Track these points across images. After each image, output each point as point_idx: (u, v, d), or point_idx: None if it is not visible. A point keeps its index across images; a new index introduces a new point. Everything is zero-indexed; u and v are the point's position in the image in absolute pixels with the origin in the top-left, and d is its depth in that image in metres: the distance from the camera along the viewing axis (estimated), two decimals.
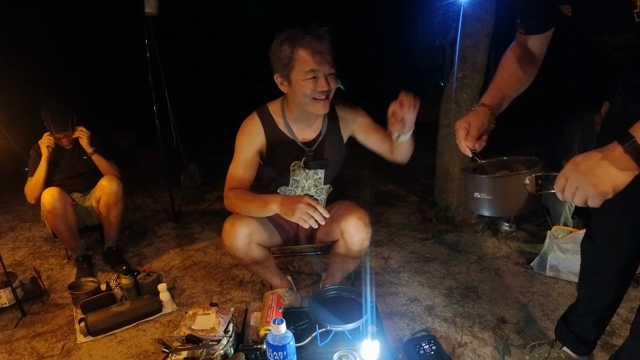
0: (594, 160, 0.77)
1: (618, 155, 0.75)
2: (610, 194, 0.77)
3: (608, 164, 0.75)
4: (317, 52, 1.31)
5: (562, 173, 0.81)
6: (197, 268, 2.23)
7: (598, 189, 0.76)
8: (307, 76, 1.33)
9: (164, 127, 2.95)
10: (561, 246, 1.92)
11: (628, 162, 0.74)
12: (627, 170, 0.74)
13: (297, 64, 1.33)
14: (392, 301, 1.83)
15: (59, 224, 2.04)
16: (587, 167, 0.77)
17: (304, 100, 1.38)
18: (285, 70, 1.36)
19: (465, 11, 2.40)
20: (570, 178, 0.79)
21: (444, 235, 2.50)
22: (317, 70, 1.33)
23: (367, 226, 1.45)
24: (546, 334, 1.59)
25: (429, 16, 6.02)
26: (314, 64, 1.32)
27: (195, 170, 3.84)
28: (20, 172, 2.40)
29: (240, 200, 1.44)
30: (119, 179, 2.19)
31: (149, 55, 2.77)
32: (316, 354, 1.37)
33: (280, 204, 1.33)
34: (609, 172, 0.75)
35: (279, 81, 1.42)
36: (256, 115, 1.53)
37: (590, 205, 0.79)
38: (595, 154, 0.77)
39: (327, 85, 1.35)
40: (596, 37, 0.89)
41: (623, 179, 0.75)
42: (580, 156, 0.79)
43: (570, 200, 0.81)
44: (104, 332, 1.67)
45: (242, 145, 1.50)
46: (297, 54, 1.32)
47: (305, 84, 1.35)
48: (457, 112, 2.54)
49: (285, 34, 1.35)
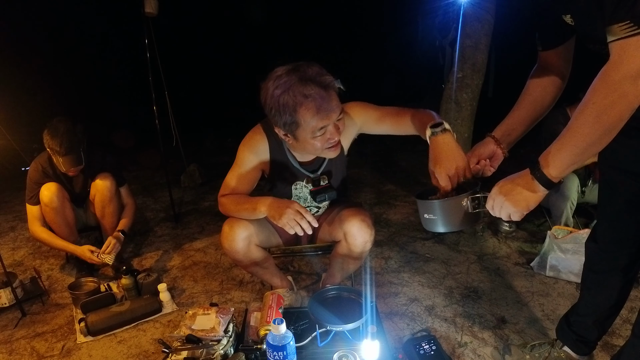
0: (512, 185, 0.93)
1: (528, 180, 0.91)
2: (526, 211, 0.94)
3: (522, 188, 0.92)
4: (322, 107, 1.19)
5: (490, 195, 0.98)
6: (197, 268, 2.23)
7: (515, 207, 0.93)
8: (316, 134, 1.24)
9: (164, 127, 2.95)
10: (561, 246, 1.91)
11: (535, 186, 0.90)
12: (535, 192, 0.90)
13: (304, 123, 1.21)
14: (392, 301, 1.83)
15: (56, 218, 2.04)
16: (507, 190, 0.94)
17: (315, 152, 1.35)
18: (289, 128, 1.25)
19: (465, 11, 2.41)
20: (496, 199, 0.96)
21: (444, 235, 2.50)
22: (327, 125, 1.24)
23: (370, 228, 1.45)
24: (546, 333, 1.59)
25: (429, 16, 6.02)
26: (322, 122, 1.21)
27: (195, 170, 3.84)
28: (20, 172, 2.40)
29: (232, 203, 1.43)
30: (112, 177, 2.16)
31: (149, 55, 2.77)
32: (316, 354, 1.37)
33: (268, 207, 1.31)
34: (523, 194, 0.92)
35: (281, 134, 1.31)
36: (262, 129, 1.44)
37: (513, 219, 0.96)
38: (514, 178, 0.94)
39: (338, 134, 1.27)
40: (591, 46, 0.92)
41: (534, 199, 0.91)
42: (502, 181, 0.96)
43: (498, 216, 0.98)
44: (104, 332, 1.67)
45: (244, 158, 1.45)
46: (300, 112, 1.19)
47: (314, 141, 1.26)
48: (457, 112, 2.54)
49: (282, 83, 1.19)
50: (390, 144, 4.86)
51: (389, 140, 4.71)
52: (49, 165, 2.05)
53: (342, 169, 1.55)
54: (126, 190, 2.30)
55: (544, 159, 0.88)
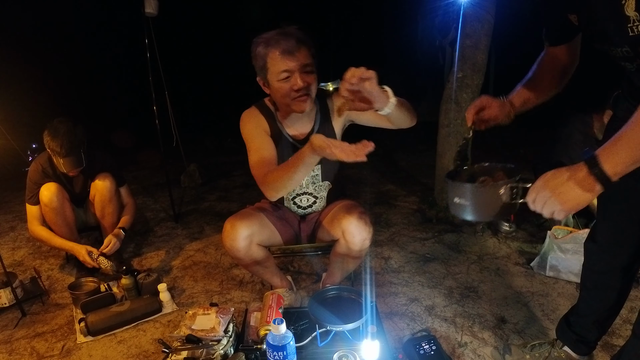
0: (561, 179, 0.82)
1: (583, 176, 0.79)
2: (574, 210, 0.83)
3: (573, 183, 0.80)
4: (286, 51, 1.31)
5: (534, 187, 0.88)
6: (197, 268, 2.23)
7: (563, 206, 0.83)
8: (281, 77, 1.34)
9: (164, 127, 2.95)
10: (561, 246, 1.92)
11: (592, 184, 0.79)
12: (590, 191, 0.80)
13: (270, 66, 1.34)
14: (392, 301, 1.83)
15: (56, 218, 2.04)
16: (555, 185, 0.83)
17: (285, 101, 1.39)
18: (262, 73, 1.38)
19: (465, 11, 2.40)
20: (540, 193, 0.86)
21: (444, 235, 2.50)
22: (289, 70, 1.32)
23: (368, 225, 1.45)
24: (546, 333, 1.59)
25: (429, 16, 6.02)
26: (285, 64, 1.31)
27: (195, 170, 3.85)
28: (20, 172, 2.40)
29: (277, 173, 1.29)
30: (112, 177, 2.16)
31: (149, 55, 2.77)
32: (316, 354, 1.37)
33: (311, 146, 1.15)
34: (574, 191, 0.81)
35: (261, 83, 1.44)
36: (255, 108, 1.54)
37: (556, 218, 0.86)
38: (563, 172, 0.83)
39: (302, 83, 1.33)
40: (598, 46, 0.91)
41: (586, 198, 0.81)
42: (550, 173, 0.85)
43: (539, 211, 0.88)
44: (104, 332, 1.67)
45: (252, 130, 1.47)
46: (269, 56, 1.33)
47: (280, 85, 1.35)
48: (457, 112, 2.53)
49: (261, 37, 1.35)
50: (390, 144, 4.86)
51: (389, 140, 4.71)
52: (49, 166, 2.05)
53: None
54: (126, 191, 2.30)
55: (605, 155, 0.77)
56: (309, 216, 1.68)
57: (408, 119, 1.35)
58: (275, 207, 1.67)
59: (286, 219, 1.65)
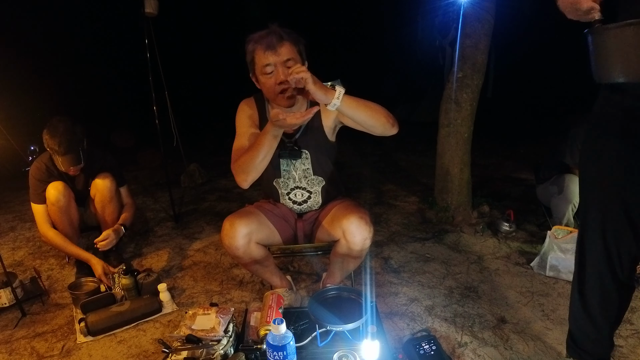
0: None
1: None
2: None
3: None
4: (269, 46, 1.36)
5: None
6: (197, 268, 2.23)
7: None
8: (265, 71, 1.38)
9: (164, 127, 2.95)
10: (561, 246, 1.92)
11: None
12: None
13: (257, 61, 1.40)
14: (392, 301, 1.83)
15: (62, 217, 2.04)
16: None
17: (271, 96, 1.44)
18: (251, 67, 1.45)
19: (465, 11, 2.40)
20: None
21: (444, 235, 2.50)
22: (271, 64, 1.37)
23: (368, 225, 1.45)
24: (546, 333, 1.59)
25: (429, 16, 6.03)
26: (267, 58, 1.37)
27: (195, 170, 3.85)
28: (20, 172, 2.40)
29: (245, 155, 1.39)
30: (112, 177, 2.16)
31: (149, 55, 2.77)
32: (316, 354, 1.37)
33: (270, 122, 1.30)
34: None
35: (253, 80, 1.49)
36: (252, 99, 1.61)
37: None
38: None
39: (283, 76, 1.37)
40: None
41: None
42: None
43: None
44: (104, 332, 1.67)
45: (242, 119, 1.55)
46: (255, 52, 1.40)
47: (265, 80, 1.40)
48: (457, 112, 2.54)
49: (251, 35, 1.42)
50: (390, 144, 4.86)
51: (389, 140, 4.71)
52: (52, 165, 2.05)
53: (325, 149, 1.58)
54: (126, 191, 2.30)
55: None
56: (306, 215, 1.68)
57: (374, 122, 1.33)
58: (274, 205, 1.67)
59: (284, 217, 1.65)
